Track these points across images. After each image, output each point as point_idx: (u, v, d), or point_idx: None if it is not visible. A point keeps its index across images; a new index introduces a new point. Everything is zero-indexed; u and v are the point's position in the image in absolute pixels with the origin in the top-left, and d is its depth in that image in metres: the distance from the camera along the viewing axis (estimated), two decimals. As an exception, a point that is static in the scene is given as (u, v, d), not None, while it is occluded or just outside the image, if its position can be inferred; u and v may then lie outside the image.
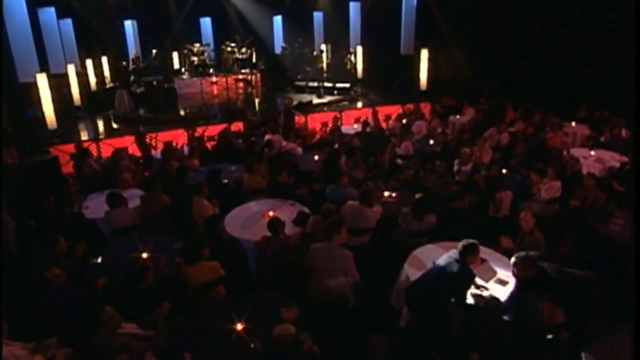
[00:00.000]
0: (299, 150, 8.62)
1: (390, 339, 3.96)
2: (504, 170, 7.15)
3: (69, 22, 14.62)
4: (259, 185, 6.55)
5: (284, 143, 8.61)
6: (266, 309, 3.84)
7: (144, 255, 4.79)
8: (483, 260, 4.61)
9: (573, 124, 10.00)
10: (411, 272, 4.46)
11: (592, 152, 8.28)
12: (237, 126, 11.14)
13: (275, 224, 4.86)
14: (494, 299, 3.67)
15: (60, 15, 13.97)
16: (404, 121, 10.51)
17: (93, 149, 10.11)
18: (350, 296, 3.44)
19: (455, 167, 7.43)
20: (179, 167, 6.84)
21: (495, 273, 4.35)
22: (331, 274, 4.18)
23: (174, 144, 8.76)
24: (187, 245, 4.39)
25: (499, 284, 4.25)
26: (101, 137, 10.78)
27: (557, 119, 9.54)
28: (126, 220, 5.72)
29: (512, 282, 4.24)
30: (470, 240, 4.10)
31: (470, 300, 3.95)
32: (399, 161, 8.32)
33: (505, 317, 3.91)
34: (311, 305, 3.96)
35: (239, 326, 3.62)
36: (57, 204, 5.82)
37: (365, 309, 4.41)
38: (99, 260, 4.85)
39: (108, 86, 15.22)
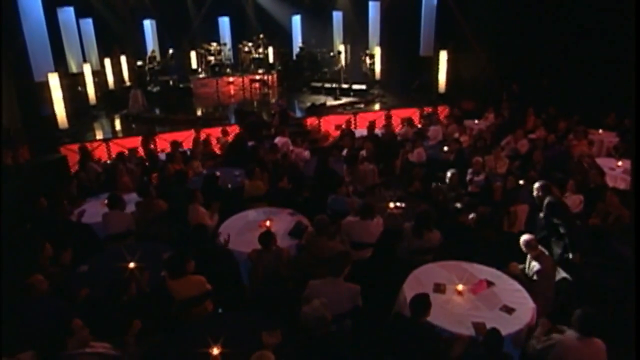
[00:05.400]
0: (306, 154, 8.33)
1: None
2: (521, 182, 6.70)
3: (89, 21, 14.77)
4: (260, 191, 6.31)
5: (291, 147, 8.34)
6: (248, 332, 3.59)
7: (132, 265, 4.63)
8: (490, 284, 4.25)
9: (600, 131, 9.40)
10: (410, 295, 4.11)
11: (620, 163, 7.71)
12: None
13: (266, 238, 4.59)
14: (494, 331, 3.30)
15: (80, 15, 14.11)
16: (419, 126, 10.09)
17: (103, 149, 10.10)
18: (327, 316, 3.18)
19: (468, 177, 7.00)
20: (178, 171, 6.65)
21: (500, 301, 3.98)
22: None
23: (180, 147, 8.57)
24: (171, 259, 4.16)
25: (505, 312, 3.87)
26: (116, 136, 10.77)
27: (581, 127, 8.94)
28: (121, 226, 5.57)
29: (520, 309, 3.87)
30: None
31: (469, 330, 3.59)
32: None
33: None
34: (299, 330, 3.67)
35: (215, 351, 3.38)
36: (49, 208, 5.70)
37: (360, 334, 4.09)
38: (86, 268, 4.70)
39: (126, 85, 15.29)
